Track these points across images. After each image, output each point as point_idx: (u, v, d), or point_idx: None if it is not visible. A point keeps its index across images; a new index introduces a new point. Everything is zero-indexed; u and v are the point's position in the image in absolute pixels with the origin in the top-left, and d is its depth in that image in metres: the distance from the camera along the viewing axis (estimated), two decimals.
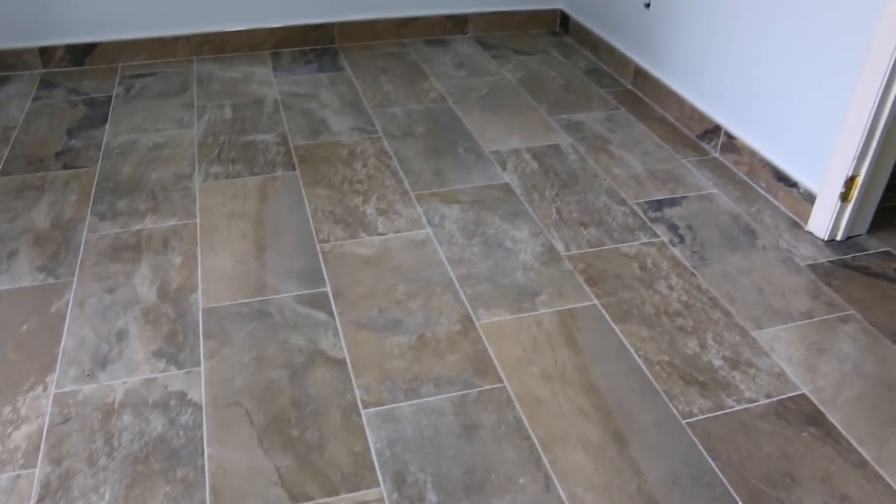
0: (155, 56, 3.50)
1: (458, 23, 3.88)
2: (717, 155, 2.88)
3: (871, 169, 2.34)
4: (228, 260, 2.21)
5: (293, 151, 2.77)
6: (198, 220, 2.38)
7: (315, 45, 3.70)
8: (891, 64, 2.15)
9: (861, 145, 2.28)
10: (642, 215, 2.48)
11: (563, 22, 4.02)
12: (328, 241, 2.30)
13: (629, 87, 3.40)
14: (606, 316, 2.05)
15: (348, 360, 1.87)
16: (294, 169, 2.66)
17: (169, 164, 2.68)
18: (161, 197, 2.49)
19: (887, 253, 2.37)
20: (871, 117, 2.23)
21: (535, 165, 2.73)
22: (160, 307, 2.02)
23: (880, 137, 2.27)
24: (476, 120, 3.03)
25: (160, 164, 2.67)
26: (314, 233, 2.34)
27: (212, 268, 2.17)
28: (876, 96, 2.20)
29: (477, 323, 2.00)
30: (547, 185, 2.62)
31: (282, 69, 3.45)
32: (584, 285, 2.15)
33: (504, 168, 2.71)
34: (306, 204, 2.47)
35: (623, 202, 2.55)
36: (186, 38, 3.51)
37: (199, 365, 1.84)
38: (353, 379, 1.82)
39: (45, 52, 3.36)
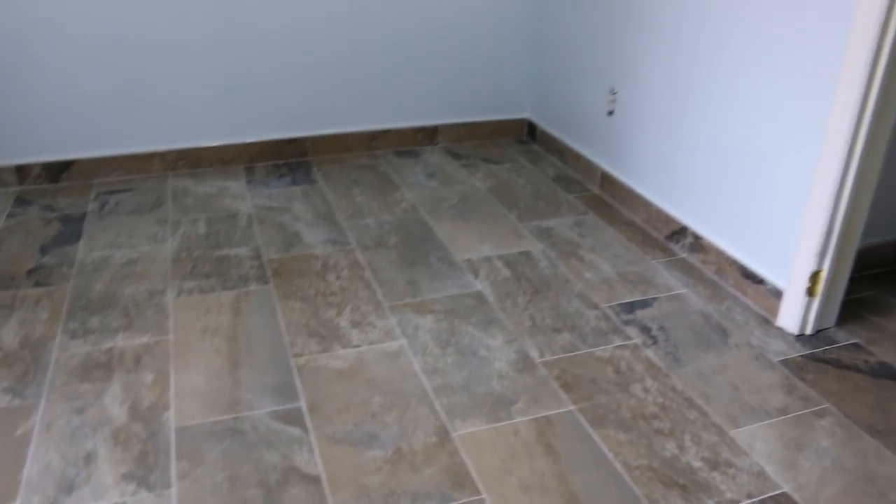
0: (130, 172, 3.55)
1: (429, 134, 3.99)
2: (685, 255, 2.93)
3: (833, 264, 2.39)
4: (201, 377, 2.18)
5: (267, 265, 2.79)
6: (171, 337, 2.36)
7: (288, 158, 3.78)
8: (842, 164, 2.24)
9: (822, 241, 2.34)
10: (615, 318, 2.50)
11: (530, 131, 4.14)
12: (302, 354, 2.29)
13: (596, 192, 3.49)
14: (583, 421, 2.03)
15: (324, 477, 1.83)
16: (268, 283, 2.67)
17: (142, 280, 2.68)
18: (134, 313, 2.48)
19: (856, 345, 2.40)
20: (829, 215, 2.30)
21: (507, 272, 2.76)
22: (131, 427, 1.99)
23: (839, 233, 2.34)
24: (448, 229, 3.08)
25: (133, 281, 2.67)
26: (288, 347, 2.33)
27: (185, 385, 2.15)
28: (833, 194, 2.28)
29: (453, 434, 1.98)
30: (519, 292, 2.64)
31: (255, 183, 3.50)
32: (560, 391, 2.15)
33: (476, 276, 2.74)
34: (280, 317, 2.47)
35: (595, 306, 2.57)
36: (161, 155, 3.57)
37: (171, 487, 1.80)
38: (328, 496, 1.78)
39: (21, 170, 3.39)
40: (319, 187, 3.47)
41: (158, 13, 3.34)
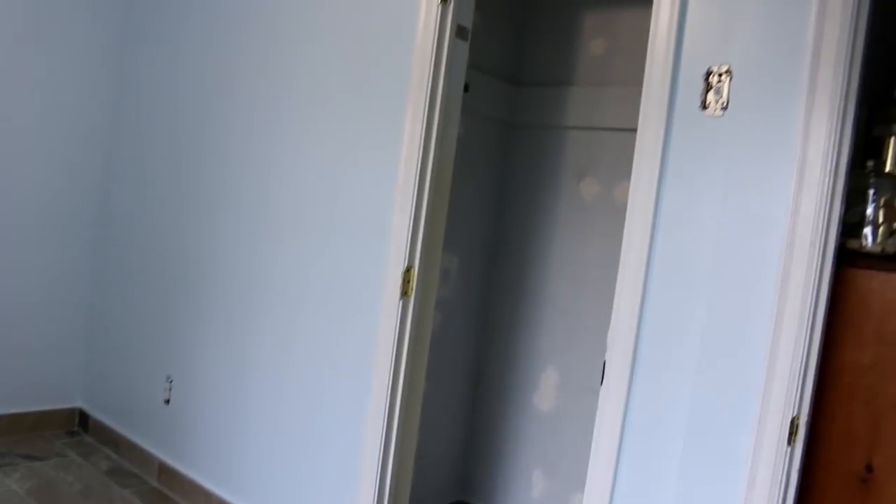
0: None
1: None
2: None
3: None
4: None
5: None
6: None
7: None
8: (382, 444, 2.48)
9: None
10: None
11: (82, 420, 3.84)
12: None
13: (155, 485, 3.30)
14: None
15: None
16: None
17: None
18: None
19: None
20: (376, 489, 2.49)
21: None
22: None
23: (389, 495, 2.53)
24: None
25: None
26: None
27: None
28: (377, 468, 2.49)
29: None
30: None
31: None
32: None
33: None
34: None
35: None
36: None
37: None
38: None
39: None
40: None
41: None
